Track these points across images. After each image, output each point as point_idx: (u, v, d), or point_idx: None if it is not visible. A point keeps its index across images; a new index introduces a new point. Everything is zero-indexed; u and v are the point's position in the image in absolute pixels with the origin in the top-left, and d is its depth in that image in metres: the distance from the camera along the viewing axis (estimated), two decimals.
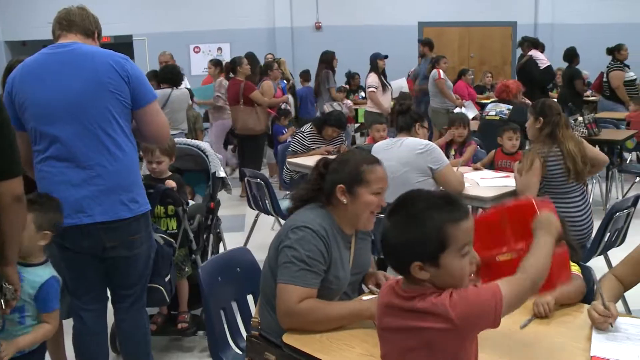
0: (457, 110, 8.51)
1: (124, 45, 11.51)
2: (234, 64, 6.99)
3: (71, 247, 2.55)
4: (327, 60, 8.57)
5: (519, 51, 12.59)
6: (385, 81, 7.92)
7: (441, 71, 8.50)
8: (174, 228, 3.41)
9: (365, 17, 12.56)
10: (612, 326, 1.97)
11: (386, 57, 8.05)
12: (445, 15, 12.67)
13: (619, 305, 2.86)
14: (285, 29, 12.55)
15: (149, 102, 2.60)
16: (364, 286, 2.47)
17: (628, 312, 3.34)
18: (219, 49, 12.66)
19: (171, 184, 3.43)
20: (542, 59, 8.40)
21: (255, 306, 2.37)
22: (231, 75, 6.99)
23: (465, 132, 4.97)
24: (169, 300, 3.13)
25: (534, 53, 8.36)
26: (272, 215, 4.90)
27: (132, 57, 11.79)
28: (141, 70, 2.66)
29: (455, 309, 1.41)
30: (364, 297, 2.29)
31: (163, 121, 2.72)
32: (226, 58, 11.09)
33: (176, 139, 3.84)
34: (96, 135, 2.47)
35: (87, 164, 2.48)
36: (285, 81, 8.44)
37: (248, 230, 5.25)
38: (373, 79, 7.78)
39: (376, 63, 7.92)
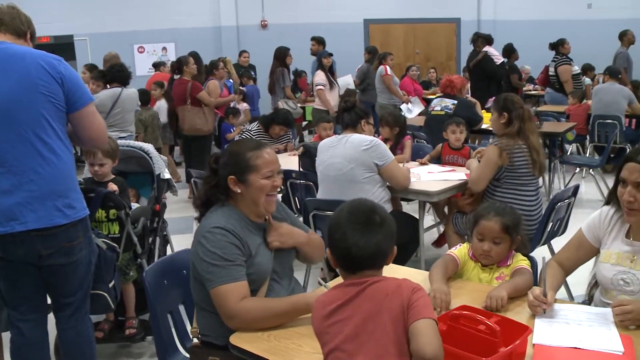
0: (403, 106, 8.62)
1: (64, 45, 11.21)
2: (180, 63, 6.89)
3: (5, 256, 2.45)
4: (281, 57, 8.48)
5: (464, 47, 12.96)
6: (332, 79, 7.95)
7: (388, 67, 8.57)
8: (117, 232, 3.33)
9: (311, 15, 12.57)
10: (544, 312, 2.04)
11: (330, 54, 8.07)
12: (390, 13, 12.81)
13: (562, 292, 2.95)
14: (230, 28, 12.45)
15: (85, 105, 2.51)
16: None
17: (571, 298, 3.42)
18: (164, 48, 12.45)
19: (113, 187, 3.34)
20: (497, 55, 8.63)
21: None
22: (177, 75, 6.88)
23: (389, 131, 4.92)
24: (114, 306, 3.06)
25: (489, 49, 8.55)
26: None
27: (74, 58, 11.52)
28: (76, 72, 2.57)
29: None
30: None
31: (100, 124, 2.63)
32: (171, 58, 10.96)
33: (119, 141, 3.75)
34: (28, 140, 2.37)
35: (18, 169, 2.37)
36: (231, 80, 8.37)
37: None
38: (320, 77, 7.80)
39: (322, 61, 7.94)
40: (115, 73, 5.77)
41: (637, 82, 9.46)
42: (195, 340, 2.25)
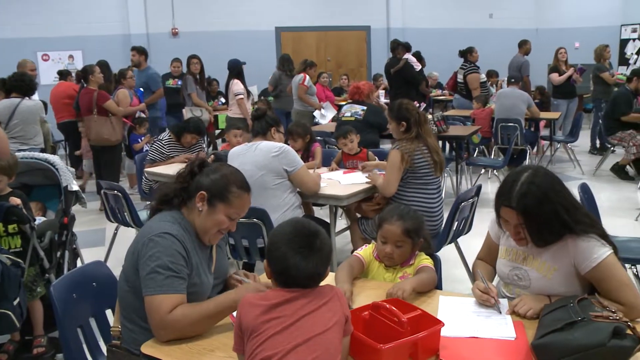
0: (316, 112, 8.75)
1: None
2: (86, 72, 6.72)
3: None
4: (187, 64, 8.45)
5: (374, 54, 13.30)
6: (246, 87, 7.97)
7: (307, 78, 8.70)
8: (18, 246, 3.21)
9: (222, 23, 12.51)
10: (494, 300, 2.18)
11: (244, 63, 8.09)
12: (302, 21, 12.94)
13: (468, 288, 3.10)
14: (140, 36, 12.18)
15: None
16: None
17: None
18: (70, 56, 12.01)
19: (16, 201, 3.23)
20: (416, 62, 8.92)
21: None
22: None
23: (301, 142, 5.02)
24: (19, 325, 2.92)
25: (409, 57, 8.84)
26: (132, 227, 4.76)
27: None
28: None
29: None
30: None
31: (1, 137, 2.55)
32: (78, 66, 10.61)
33: (23, 153, 3.63)
34: None
35: None
36: (142, 89, 8.21)
37: (109, 244, 5.06)
38: (240, 86, 7.80)
39: (240, 69, 7.94)
40: (13, 83, 5.55)
41: (542, 87, 10.10)
42: (115, 341, 2.17)
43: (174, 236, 2.08)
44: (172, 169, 4.98)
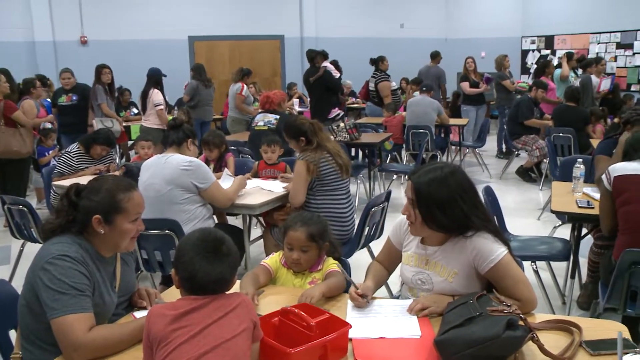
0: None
1: None
2: None
3: None
4: (96, 74, 8.13)
5: (288, 63, 13.38)
6: (165, 97, 7.85)
7: (245, 87, 8.67)
8: None
9: (134, 31, 12.25)
10: (368, 302, 2.27)
11: (165, 75, 7.95)
12: (215, 30, 12.86)
13: (383, 290, 3.19)
14: (46, 43, 11.75)
15: None
16: None
17: (390, 294, 3.69)
18: None
19: None
20: (334, 70, 9.06)
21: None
22: None
23: (217, 151, 5.05)
24: None
25: (327, 65, 8.98)
26: (40, 243, 4.56)
27: None
28: None
29: None
30: (137, 314, 2.27)
31: None
32: None
33: None
34: None
35: None
36: (49, 100, 7.91)
37: (14, 262, 4.85)
38: (160, 96, 7.67)
39: (160, 79, 7.81)
40: None
41: (458, 92, 10.55)
42: None
43: (74, 258, 2.02)
44: (82, 181, 4.81)
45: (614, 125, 7.33)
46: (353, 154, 8.17)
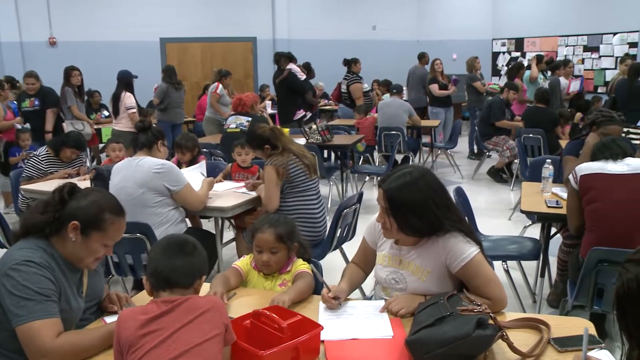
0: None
1: None
2: None
3: None
4: (65, 76, 8.01)
5: (260, 65, 13.36)
6: (136, 99, 7.78)
7: (221, 86, 8.62)
8: None
9: (105, 33, 12.11)
10: (340, 305, 2.28)
11: (136, 77, 7.87)
12: (187, 32, 12.77)
13: (356, 292, 3.20)
14: (13, 44, 11.56)
15: None
16: None
17: (364, 295, 3.70)
18: None
19: None
20: (300, 72, 9.05)
21: None
22: None
23: (189, 155, 5.03)
24: None
25: (292, 67, 8.96)
26: (7, 248, 4.49)
27: None
28: None
29: None
30: (107, 319, 2.24)
31: None
32: None
33: None
34: None
35: None
36: (16, 102, 7.77)
37: None
38: (132, 99, 7.59)
39: (130, 82, 7.71)
40: None
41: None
42: None
43: (39, 264, 1.98)
44: (50, 185, 4.76)
45: (575, 126, 7.50)
46: (325, 155, 8.18)
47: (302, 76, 9.11)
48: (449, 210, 2.29)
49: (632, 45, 11.55)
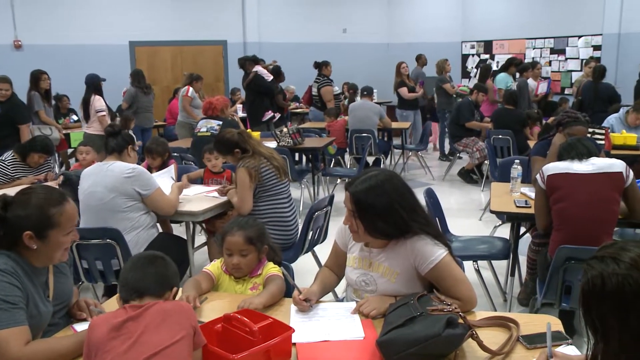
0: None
1: None
2: None
3: None
4: (33, 80, 7.84)
5: (231, 68, 13.30)
6: (107, 103, 7.68)
7: (191, 89, 8.56)
8: None
9: (73, 36, 11.91)
10: (311, 307, 2.29)
11: (104, 80, 7.78)
12: (157, 35, 12.64)
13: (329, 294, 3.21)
14: None
15: None
16: None
17: (336, 297, 3.70)
18: None
19: None
20: (266, 74, 9.07)
21: None
22: None
23: (160, 159, 4.98)
24: None
25: (258, 69, 8.95)
26: None
27: None
28: None
29: None
30: (77, 327, 2.21)
31: None
32: None
33: None
34: None
35: None
36: None
37: None
38: (102, 103, 7.51)
39: (99, 85, 7.62)
40: None
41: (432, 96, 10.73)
42: None
43: (3, 270, 1.95)
44: (11, 191, 4.66)
45: (546, 127, 7.61)
46: (297, 158, 8.18)
47: (269, 77, 9.11)
48: (416, 213, 2.31)
49: (596, 48, 11.78)
